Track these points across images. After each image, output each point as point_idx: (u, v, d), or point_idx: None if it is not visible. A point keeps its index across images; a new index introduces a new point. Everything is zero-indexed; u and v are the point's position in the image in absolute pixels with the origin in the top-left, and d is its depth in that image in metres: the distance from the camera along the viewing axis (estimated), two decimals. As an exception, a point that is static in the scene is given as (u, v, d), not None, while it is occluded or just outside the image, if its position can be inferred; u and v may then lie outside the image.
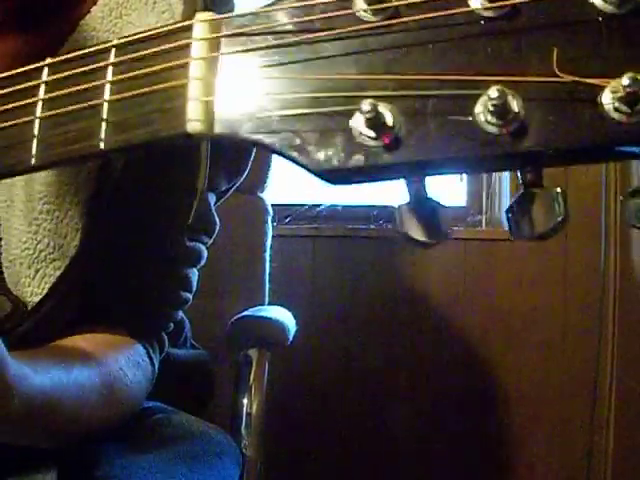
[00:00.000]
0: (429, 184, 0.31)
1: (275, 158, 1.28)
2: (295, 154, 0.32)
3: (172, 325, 0.83)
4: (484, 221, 1.96)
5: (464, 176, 1.97)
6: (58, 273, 0.70)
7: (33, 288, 0.70)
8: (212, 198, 0.84)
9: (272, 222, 1.50)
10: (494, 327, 1.87)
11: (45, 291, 0.70)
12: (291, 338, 1.28)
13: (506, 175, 1.89)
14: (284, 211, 1.89)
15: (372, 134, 0.30)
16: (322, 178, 0.32)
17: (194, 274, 0.82)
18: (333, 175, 0.31)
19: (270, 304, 1.45)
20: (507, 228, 0.31)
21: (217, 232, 0.85)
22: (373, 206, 1.93)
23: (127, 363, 0.73)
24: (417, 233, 0.31)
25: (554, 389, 1.86)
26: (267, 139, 0.32)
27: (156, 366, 0.78)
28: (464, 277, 1.88)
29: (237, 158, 0.86)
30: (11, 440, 0.62)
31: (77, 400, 0.64)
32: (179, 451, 0.74)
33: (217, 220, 0.84)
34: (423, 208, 0.31)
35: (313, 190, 1.96)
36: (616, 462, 1.82)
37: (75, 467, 0.70)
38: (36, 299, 0.70)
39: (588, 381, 1.83)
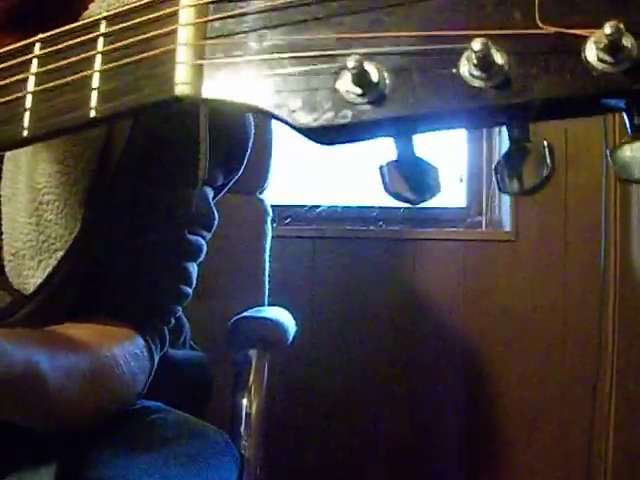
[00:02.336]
0: (416, 142, 0.31)
1: (275, 158, 1.29)
2: (282, 114, 0.32)
3: (173, 320, 0.83)
4: (484, 222, 1.97)
5: (464, 177, 1.98)
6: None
7: (37, 279, 0.71)
8: (210, 193, 0.84)
9: (272, 223, 1.50)
10: (494, 328, 1.87)
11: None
12: (291, 339, 1.28)
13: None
14: (284, 212, 1.90)
15: (358, 91, 0.30)
16: (309, 137, 0.32)
17: (194, 268, 0.83)
18: (320, 134, 0.31)
19: (270, 305, 1.44)
20: (497, 185, 0.31)
21: (216, 230, 0.85)
22: (373, 207, 1.93)
23: (123, 353, 0.73)
24: (405, 190, 0.31)
25: (554, 390, 1.86)
26: (255, 100, 0.33)
27: (156, 360, 0.78)
28: (464, 278, 1.88)
29: (234, 152, 0.87)
30: None
31: (60, 383, 0.65)
32: (176, 451, 0.74)
33: (216, 215, 0.85)
34: (411, 166, 0.31)
35: (313, 191, 1.96)
36: (616, 463, 1.81)
37: (71, 467, 0.70)
38: None
39: (588, 382, 1.83)
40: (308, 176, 1.97)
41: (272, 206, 1.52)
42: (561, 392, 1.85)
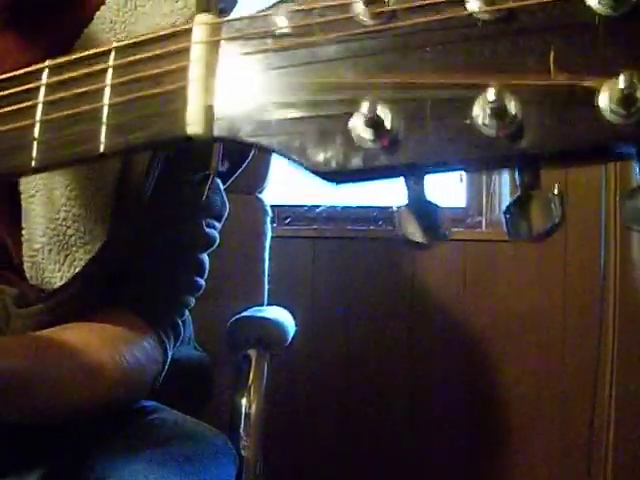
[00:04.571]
0: (428, 185, 0.31)
1: (274, 159, 1.28)
2: (294, 156, 0.32)
3: (186, 312, 0.83)
4: (484, 222, 1.97)
5: (464, 177, 1.98)
6: (88, 257, 0.71)
7: (63, 273, 0.71)
8: (220, 183, 0.85)
9: (272, 223, 1.50)
10: (494, 328, 1.87)
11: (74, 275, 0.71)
12: (290, 339, 1.28)
13: (506, 176, 1.89)
14: (284, 212, 1.90)
15: (371, 136, 0.30)
16: (319, 177, 0.32)
17: (206, 259, 0.84)
18: (330, 176, 0.32)
19: (269, 305, 1.45)
20: (504, 229, 0.31)
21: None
22: (372, 207, 1.93)
23: (130, 348, 0.73)
24: (416, 234, 0.31)
25: (554, 389, 1.86)
26: (266, 141, 0.33)
27: (169, 352, 0.79)
28: (464, 278, 1.88)
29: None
30: None
31: (54, 383, 0.66)
32: (173, 452, 0.75)
33: (227, 205, 0.86)
34: (422, 210, 0.31)
35: (313, 191, 1.96)
36: (616, 462, 1.82)
37: (67, 468, 0.70)
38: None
39: (588, 381, 1.84)
40: (309, 176, 1.96)
41: (272, 206, 1.52)
42: (561, 392, 1.86)
